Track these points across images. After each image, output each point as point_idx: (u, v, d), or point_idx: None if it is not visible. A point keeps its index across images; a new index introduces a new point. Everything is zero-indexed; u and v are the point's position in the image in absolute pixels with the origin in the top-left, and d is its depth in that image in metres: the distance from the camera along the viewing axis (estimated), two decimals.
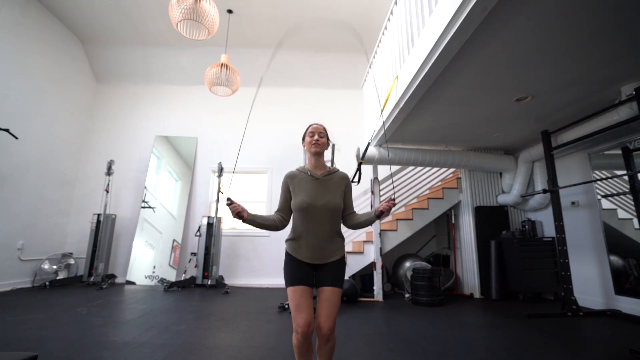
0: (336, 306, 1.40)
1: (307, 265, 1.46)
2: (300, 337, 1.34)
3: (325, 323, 1.36)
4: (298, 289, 1.39)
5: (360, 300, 3.77)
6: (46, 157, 4.65)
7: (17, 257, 4.15)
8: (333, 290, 1.41)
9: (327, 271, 1.46)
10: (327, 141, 1.61)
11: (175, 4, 2.85)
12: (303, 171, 1.56)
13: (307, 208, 1.45)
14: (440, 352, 2.03)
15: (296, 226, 1.50)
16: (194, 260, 4.75)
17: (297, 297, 1.37)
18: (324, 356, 1.41)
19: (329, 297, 1.39)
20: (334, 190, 1.52)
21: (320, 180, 1.53)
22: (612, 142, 3.24)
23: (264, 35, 4.99)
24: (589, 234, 3.48)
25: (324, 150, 1.59)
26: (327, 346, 1.40)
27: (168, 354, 1.92)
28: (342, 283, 1.47)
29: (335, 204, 1.48)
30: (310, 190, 1.49)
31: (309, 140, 1.56)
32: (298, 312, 1.35)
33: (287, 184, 1.55)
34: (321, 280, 1.45)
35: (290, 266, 1.46)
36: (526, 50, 2.18)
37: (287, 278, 1.44)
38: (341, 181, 1.56)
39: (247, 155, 5.48)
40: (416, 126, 3.52)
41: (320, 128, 1.58)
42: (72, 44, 5.11)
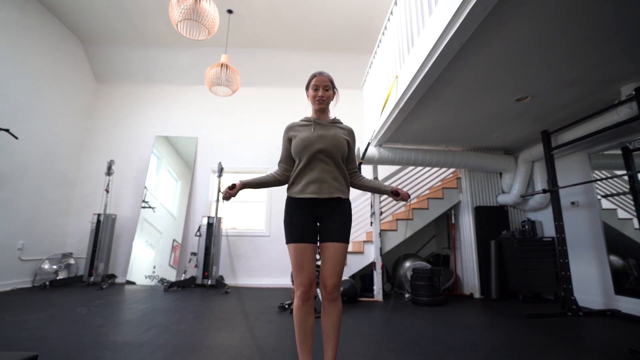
0: (342, 263, 1.32)
1: (310, 215, 1.35)
2: (302, 295, 1.26)
3: (330, 279, 1.28)
4: (299, 246, 1.29)
5: (360, 300, 3.77)
6: (46, 157, 4.65)
7: (17, 257, 4.15)
8: (338, 246, 1.32)
9: (331, 224, 1.35)
10: (334, 91, 1.51)
11: (175, 4, 2.85)
12: (305, 120, 1.49)
13: (310, 145, 1.36)
14: (440, 352, 2.03)
15: (298, 168, 1.39)
16: (194, 260, 4.75)
17: (298, 255, 1.28)
18: (331, 318, 1.32)
19: (334, 253, 1.30)
20: (338, 134, 1.44)
21: (324, 124, 1.45)
22: (612, 142, 3.24)
23: (264, 35, 4.99)
24: (589, 234, 3.48)
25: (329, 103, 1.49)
26: (334, 307, 1.31)
27: (168, 354, 1.92)
28: (348, 237, 1.38)
29: (339, 143, 1.39)
30: (313, 132, 1.41)
31: (313, 94, 1.46)
32: (300, 271, 1.26)
33: (288, 133, 1.47)
34: (325, 234, 1.35)
35: (292, 219, 1.35)
36: (526, 50, 2.18)
37: (288, 233, 1.34)
38: (347, 132, 1.49)
39: (247, 155, 5.48)
40: (416, 126, 3.52)
41: (325, 79, 1.47)
42: (72, 44, 5.11)
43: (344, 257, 1.34)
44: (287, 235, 1.35)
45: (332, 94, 1.51)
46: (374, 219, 4.03)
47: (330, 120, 1.50)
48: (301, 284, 1.26)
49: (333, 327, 1.32)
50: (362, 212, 5.01)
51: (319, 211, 1.37)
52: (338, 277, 1.29)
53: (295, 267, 1.28)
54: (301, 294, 1.27)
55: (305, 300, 1.28)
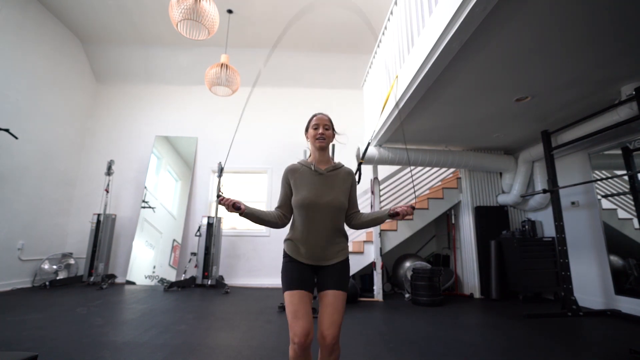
0: (341, 312, 1.25)
1: (308, 268, 1.34)
2: (298, 348, 1.18)
3: (329, 331, 1.20)
4: (296, 293, 1.24)
5: (360, 300, 3.77)
6: (46, 157, 4.65)
7: (17, 257, 4.15)
8: (337, 294, 1.27)
9: (330, 273, 1.33)
10: (333, 133, 1.48)
11: (175, 4, 2.85)
12: (306, 165, 1.44)
13: (310, 205, 1.33)
14: (440, 352, 2.03)
15: (296, 225, 1.37)
16: (194, 260, 4.75)
17: (295, 303, 1.22)
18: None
19: (333, 302, 1.25)
20: (339, 186, 1.40)
21: (324, 175, 1.40)
22: (612, 142, 3.24)
23: (264, 35, 4.99)
24: (589, 234, 3.47)
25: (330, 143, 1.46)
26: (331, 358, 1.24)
27: (168, 354, 1.92)
28: (347, 286, 1.34)
29: (339, 202, 1.36)
30: (313, 186, 1.36)
31: (313, 134, 1.43)
32: (295, 320, 1.19)
33: (287, 178, 1.43)
34: (323, 283, 1.31)
35: (288, 269, 1.33)
36: (526, 50, 2.18)
37: (285, 281, 1.30)
38: (347, 177, 1.44)
39: (247, 155, 5.48)
40: (416, 126, 3.52)
41: (325, 119, 1.44)
42: (72, 44, 5.11)
43: (344, 306, 1.29)
44: (284, 284, 1.31)
45: (332, 134, 1.48)
46: None
47: (331, 167, 1.44)
48: (296, 334, 1.18)
49: None
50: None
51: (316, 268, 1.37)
52: (338, 327, 1.23)
53: (291, 315, 1.21)
54: (297, 347, 1.19)
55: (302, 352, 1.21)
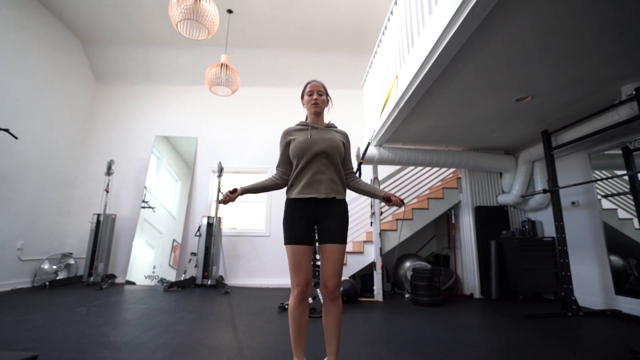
0: (341, 263, 1.37)
1: (308, 217, 1.40)
2: (298, 294, 1.31)
3: (331, 280, 1.33)
4: (297, 248, 1.34)
5: (360, 300, 3.77)
6: (46, 157, 4.65)
7: (17, 257, 4.15)
8: (336, 247, 1.36)
9: (330, 225, 1.39)
10: (327, 98, 1.57)
11: (175, 4, 2.85)
12: (302, 124, 1.54)
13: (306, 148, 1.41)
14: (441, 352, 2.03)
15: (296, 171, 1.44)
16: (193, 260, 4.75)
17: (296, 257, 1.33)
18: (333, 316, 1.37)
19: (333, 255, 1.35)
20: (335, 137, 1.49)
21: (320, 129, 1.50)
22: (612, 142, 3.24)
23: (264, 35, 4.99)
24: (589, 234, 3.47)
25: (324, 108, 1.55)
26: (335, 305, 1.37)
27: (168, 354, 1.92)
28: (345, 238, 1.41)
29: (336, 143, 1.45)
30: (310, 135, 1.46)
31: (308, 100, 1.52)
32: (297, 270, 1.32)
33: (285, 137, 1.51)
34: (324, 237, 1.39)
35: (290, 221, 1.40)
36: (526, 50, 2.18)
37: (287, 235, 1.38)
38: (342, 135, 1.55)
39: (247, 155, 5.48)
40: (416, 126, 3.52)
41: (319, 85, 1.53)
42: (72, 44, 5.11)
43: (343, 257, 1.39)
44: (285, 237, 1.39)
45: (326, 99, 1.57)
46: (374, 219, 4.02)
47: (326, 124, 1.55)
48: (298, 284, 1.31)
49: (335, 324, 1.38)
50: (362, 212, 5.01)
51: (316, 212, 1.41)
52: (338, 276, 1.35)
53: (293, 267, 1.33)
54: (298, 293, 1.32)
55: (302, 300, 1.34)
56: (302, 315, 1.37)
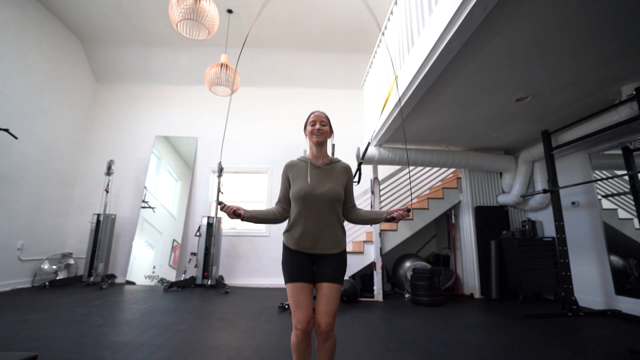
0: (335, 303, 1.36)
1: (306, 259, 1.40)
2: (300, 333, 1.31)
3: (324, 319, 1.33)
4: (297, 285, 1.35)
5: (360, 300, 3.77)
6: (46, 157, 4.65)
7: (17, 257, 4.15)
8: (331, 286, 1.36)
9: (326, 266, 1.40)
10: (330, 129, 1.55)
11: (175, 4, 2.84)
12: (303, 160, 1.51)
13: (306, 196, 1.39)
14: (440, 352, 2.03)
15: (294, 216, 1.43)
16: (194, 260, 4.75)
17: (296, 294, 1.34)
18: (324, 356, 1.37)
19: (327, 294, 1.35)
20: (335, 179, 1.46)
21: (321, 168, 1.47)
22: (612, 142, 3.24)
23: (264, 35, 4.99)
24: (589, 234, 3.47)
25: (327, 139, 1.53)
26: (327, 345, 1.36)
27: (168, 354, 1.92)
28: (341, 279, 1.41)
29: (335, 192, 1.42)
30: (309, 177, 1.43)
31: (311, 130, 1.50)
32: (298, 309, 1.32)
33: (286, 173, 1.49)
34: (320, 275, 1.39)
35: (288, 261, 1.41)
36: (526, 50, 2.18)
37: (286, 274, 1.39)
38: (343, 171, 1.51)
39: (247, 155, 5.48)
40: (416, 126, 3.52)
41: (322, 116, 1.52)
42: (72, 44, 5.11)
43: (338, 297, 1.39)
44: (285, 277, 1.40)
45: (329, 130, 1.54)
46: None
47: (328, 160, 1.51)
48: (299, 322, 1.31)
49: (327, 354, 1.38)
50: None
51: (314, 258, 1.43)
52: (332, 316, 1.35)
53: (294, 305, 1.34)
54: (299, 332, 1.31)
55: (304, 338, 1.33)
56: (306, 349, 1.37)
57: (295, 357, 1.38)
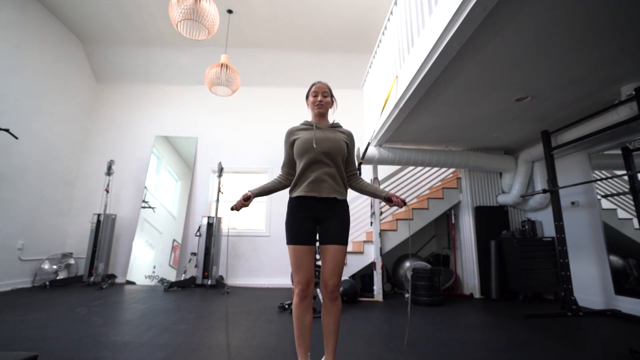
0: (341, 263, 1.39)
1: (310, 218, 1.41)
2: (300, 292, 1.34)
3: (331, 280, 1.35)
4: (299, 248, 1.36)
5: (360, 300, 3.77)
6: (46, 157, 4.65)
7: (17, 257, 4.15)
8: (337, 248, 1.38)
9: (331, 226, 1.41)
10: (332, 100, 1.59)
11: (175, 4, 2.85)
12: (306, 123, 1.54)
13: (309, 148, 1.42)
14: (440, 352, 2.03)
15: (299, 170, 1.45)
16: (194, 260, 4.75)
17: (298, 256, 1.36)
18: (331, 316, 1.39)
19: (334, 255, 1.37)
20: (338, 137, 1.50)
21: (324, 129, 1.51)
22: (612, 142, 3.24)
23: (264, 35, 4.99)
24: (589, 234, 3.48)
25: (328, 109, 1.57)
26: (334, 305, 1.38)
27: (168, 354, 1.92)
28: (346, 239, 1.43)
29: (340, 145, 1.46)
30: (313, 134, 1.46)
31: (313, 100, 1.54)
32: (299, 270, 1.34)
33: (289, 137, 1.52)
34: (325, 237, 1.41)
35: (292, 221, 1.42)
36: (526, 50, 2.18)
37: (289, 235, 1.41)
38: (345, 135, 1.55)
39: (247, 155, 5.48)
40: (416, 126, 3.52)
41: (324, 87, 1.55)
42: (72, 44, 5.11)
43: (344, 258, 1.41)
44: (287, 237, 1.41)
45: (331, 101, 1.58)
46: (374, 219, 4.02)
47: (330, 124, 1.56)
48: (299, 282, 1.33)
49: (334, 324, 1.40)
50: (362, 212, 5.01)
51: (317, 212, 1.43)
52: (338, 277, 1.37)
53: (294, 267, 1.36)
54: (299, 292, 1.34)
55: (304, 298, 1.36)
56: (304, 314, 1.38)
57: (295, 320, 1.39)
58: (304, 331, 1.39)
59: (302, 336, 1.39)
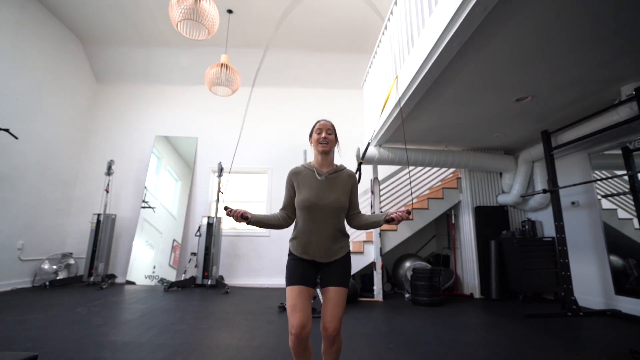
0: (341, 306, 1.35)
1: (310, 265, 1.41)
2: (294, 339, 1.28)
3: (330, 324, 1.31)
4: (295, 288, 1.33)
5: (360, 300, 3.77)
6: (46, 157, 4.65)
7: (17, 257, 4.15)
8: (338, 290, 1.35)
9: (331, 270, 1.40)
10: (335, 138, 1.54)
11: (175, 4, 2.84)
12: (308, 168, 1.50)
13: (311, 207, 1.39)
14: (440, 352, 2.03)
15: (300, 225, 1.44)
16: (194, 260, 4.74)
17: (294, 297, 1.32)
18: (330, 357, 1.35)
19: (334, 297, 1.34)
20: (340, 188, 1.46)
21: (326, 178, 1.46)
22: (612, 142, 3.24)
23: (264, 35, 4.98)
24: (589, 234, 3.47)
25: (332, 148, 1.53)
26: (333, 349, 1.35)
27: (168, 354, 1.92)
28: (347, 282, 1.41)
29: (340, 203, 1.43)
30: (315, 188, 1.43)
31: (317, 138, 1.50)
32: (293, 313, 1.29)
33: (291, 180, 1.49)
34: (326, 279, 1.39)
35: (291, 265, 1.41)
36: (526, 50, 2.18)
37: (287, 277, 1.39)
38: (348, 180, 1.50)
39: (247, 155, 5.48)
40: (416, 126, 3.52)
41: (328, 125, 1.52)
42: (72, 44, 5.11)
43: (344, 301, 1.38)
44: (287, 279, 1.39)
45: (335, 139, 1.54)
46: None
47: (333, 169, 1.50)
48: (293, 326, 1.27)
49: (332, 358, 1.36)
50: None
51: (319, 266, 1.44)
52: (338, 320, 1.33)
53: (290, 308, 1.31)
54: (294, 337, 1.28)
55: (299, 342, 1.30)
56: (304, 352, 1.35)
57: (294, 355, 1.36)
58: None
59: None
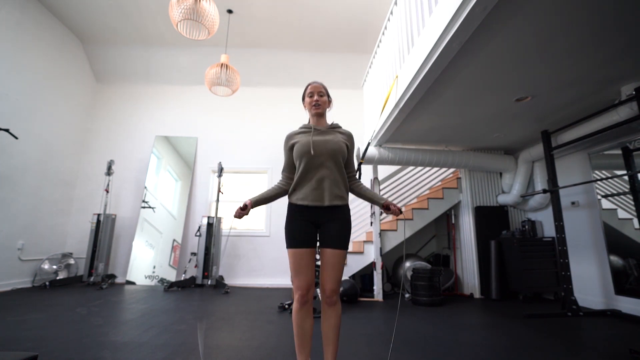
0: (340, 269, 1.36)
1: (310, 222, 1.39)
2: (300, 299, 1.31)
3: (329, 284, 1.33)
4: (298, 252, 1.34)
5: (360, 300, 3.77)
6: (46, 157, 4.65)
7: (17, 257, 4.15)
8: (336, 252, 1.36)
9: (330, 230, 1.39)
10: (328, 99, 1.55)
11: (175, 4, 2.85)
12: (304, 127, 1.52)
13: (308, 152, 1.39)
14: (440, 352, 2.03)
15: (299, 174, 1.43)
16: (194, 260, 4.75)
17: (297, 260, 1.33)
18: (330, 321, 1.36)
19: (333, 260, 1.35)
20: (337, 138, 1.48)
21: (323, 131, 1.48)
22: (612, 142, 3.24)
23: (264, 35, 4.99)
24: (589, 234, 3.47)
25: (326, 109, 1.54)
26: (333, 310, 1.36)
27: (168, 354, 1.92)
28: (346, 244, 1.41)
29: (339, 145, 1.43)
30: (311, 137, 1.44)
31: (309, 101, 1.51)
32: (298, 275, 1.32)
33: (288, 141, 1.50)
34: (325, 241, 1.39)
35: (291, 225, 1.40)
36: (526, 50, 2.18)
37: (288, 239, 1.38)
38: (345, 134, 1.53)
39: (247, 155, 5.48)
40: (416, 126, 3.52)
41: (319, 87, 1.52)
42: (72, 44, 5.11)
43: (343, 262, 1.38)
44: (287, 240, 1.39)
45: (327, 100, 1.54)
46: (374, 219, 4.02)
47: (329, 125, 1.52)
48: (299, 287, 1.30)
49: (333, 329, 1.36)
50: (362, 212, 5.01)
51: (318, 217, 1.41)
52: (337, 282, 1.34)
53: (294, 271, 1.33)
54: (299, 297, 1.31)
55: (303, 304, 1.33)
56: (305, 320, 1.36)
57: (295, 325, 1.37)
58: (305, 338, 1.37)
59: (302, 343, 1.36)
